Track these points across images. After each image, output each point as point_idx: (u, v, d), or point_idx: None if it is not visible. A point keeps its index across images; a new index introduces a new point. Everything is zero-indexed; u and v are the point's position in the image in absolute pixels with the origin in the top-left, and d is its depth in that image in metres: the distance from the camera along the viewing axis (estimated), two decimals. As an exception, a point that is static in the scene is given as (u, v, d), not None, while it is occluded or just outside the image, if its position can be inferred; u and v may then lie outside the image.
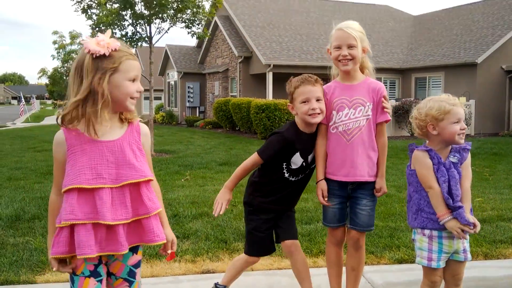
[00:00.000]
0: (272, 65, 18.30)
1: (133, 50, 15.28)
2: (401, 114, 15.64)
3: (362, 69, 2.86)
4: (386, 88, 20.93)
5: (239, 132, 17.75)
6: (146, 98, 33.98)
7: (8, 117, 39.07)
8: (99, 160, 1.87)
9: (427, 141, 2.59)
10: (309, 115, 2.68)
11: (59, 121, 1.93)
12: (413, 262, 3.61)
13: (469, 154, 2.55)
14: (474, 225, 2.39)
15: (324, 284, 3.15)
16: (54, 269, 1.90)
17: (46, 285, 3.38)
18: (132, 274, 2.00)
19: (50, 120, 36.38)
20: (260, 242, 2.86)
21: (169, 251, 2.09)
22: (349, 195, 2.81)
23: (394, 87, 21.48)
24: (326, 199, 2.80)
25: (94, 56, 1.85)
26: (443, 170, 2.44)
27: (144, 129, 2.07)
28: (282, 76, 20.30)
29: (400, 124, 15.98)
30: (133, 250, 1.97)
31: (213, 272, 3.59)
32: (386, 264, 3.83)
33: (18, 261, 3.74)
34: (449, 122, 2.45)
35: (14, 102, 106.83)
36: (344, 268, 2.98)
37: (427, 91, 20.02)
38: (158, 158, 10.37)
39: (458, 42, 19.84)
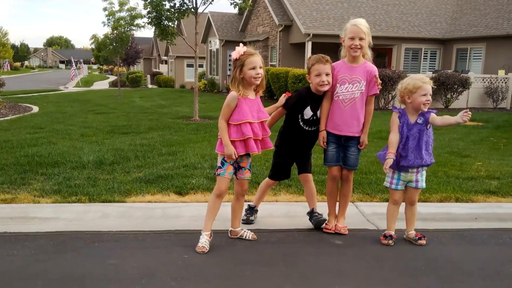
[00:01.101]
0: (311, 35, 18.74)
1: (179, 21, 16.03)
2: (436, 86, 15.87)
3: (363, 55, 3.95)
4: (426, 59, 21.14)
5: (276, 101, 18.43)
6: (189, 66, 35.14)
7: (59, 81, 41.44)
8: (250, 108, 3.64)
9: (404, 107, 3.88)
10: (320, 85, 3.87)
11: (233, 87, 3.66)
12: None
13: (432, 114, 3.77)
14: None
15: (325, 211, 4.26)
16: (234, 157, 3.61)
17: (133, 204, 4.74)
18: (250, 166, 3.84)
19: (99, 85, 38.39)
20: (279, 170, 4.20)
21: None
22: (342, 144, 4.00)
23: (435, 58, 21.45)
24: (325, 144, 4.01)
25: (234, 58, 3.65)
26: (405, 127, 3.77)
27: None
28: (322, 46, 20.67)
29: (435, 96, 16.23)
30: (249, 155, 3.78)
31: (248, 201, 4.67)
32: (377, 202, 4.93)
33: (110, 189, 5.09)
34: (418, 94, 3.71)
35: (62, 66, 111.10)
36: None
37: (467, 63, 19.97)
38: (203, 123, 11.43)
39: (503, 12, 19.50)
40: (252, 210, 4.33)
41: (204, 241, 3.66)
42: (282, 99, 4.08)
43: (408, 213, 4.00)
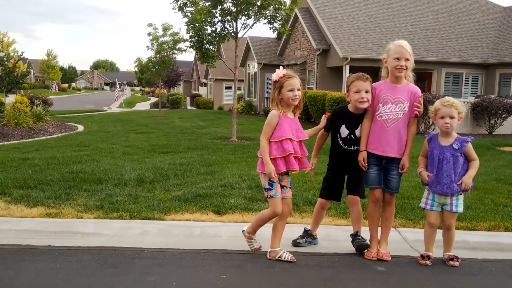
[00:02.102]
0: (349, 58, 18.71)
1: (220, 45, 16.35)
2: (479, 111, 15.41)
3: (405, 77, 3.94)
4: (468, 84, 20.65)
5: (314, 123, 18.48)
6: (228, 88, 35.74)
7: (104, 102, 42.98)
8: (290, 126, 3.78)
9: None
10: (359, 102, 3.86)
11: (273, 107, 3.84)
12: (441, 228, 4.32)
13: (470, 145, 3.79)
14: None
15: (367, 237, 4.11)
16: (274, 175, 3.69)
17: (172, 222, 4.81)
18: (291, 185, 3.95)
19: (141, 106, 39.55)
20: (327, 189, 4.14)
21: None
22: (384, 167, 3.93)
23: (477, 83, 20.86)
24: (366, 164, 3.90)
25: (274, 80, 3.84)
26: (435, 150, 3.82)
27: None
28: (359, 70, 20.44)
29: (478, 121, 15.73)
30: (288, 174, 3.91)
31: (287, 223, 4.57)
32: (420, 228, 4.70)
33: (150, 206, 5.18)
34: (437, 116, 3.83)
35: (106, 87, 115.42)
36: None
37: (511, 88, 19.29)
38: (240, 144, 11.51)
39: (550, 36, 18.83)
40: (306, 233, 4.23)
41: (287, 254, 3.83)
42: (323, 119, 4.09)
43: (445, 236, 3.96)
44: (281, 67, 3.96)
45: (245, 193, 5.79)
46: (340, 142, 4.02)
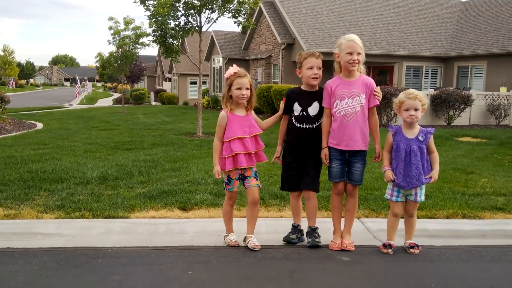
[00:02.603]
0: (313, 53, 18.88)
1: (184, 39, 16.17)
2: (438, 103, 15.90)
3: (357, 70, 4.01)
4: (428, 76, 21.26)
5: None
6: (193, 83, 35.41)
7: (64, 99, 41.73)
8: (240, 124, 3.93)
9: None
10: (312, 78, 3.96)
11: (223, 106, 4.00)
12: (403, 216, 4.51)
13: (432, 136, 3.93)
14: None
15: (331, 228, 4.21)
16: (217, 176, 3.88)
17: (136, 220, 4.71)
18: (256, 175, 4.06)
19: (103, 102, 38.64)
20: (283, 179, 4.17)
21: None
22: (346, 160, 4.01)
23: (436, 76, 21.54)
24: (327, 161, 3.99)
25: (225, 78, 3.99)
26: (402, 144, 3.90)
27: (252, 113, 4.07)
28: (324, 64, 20.75)
29: (437, 113, 16.24)
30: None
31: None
32: (383, 218, 4.85)
33: (114, 204, 5.07)
34: (402, 109, 3.93)
35: (67, 83, 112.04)
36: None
37: (468, 81, 20.04)
38: (206, 139, 11.44)
39: (503, 30, 19.64)
40: (295, 229, 4.19)
41: (233, 237, 4.04)
42: (282, 105, 4.14)
43: (407, 224, 4.09)
44: (234, 65, 4.05)
45: (211, 188, 5.77)
46: (294, 120, 4.05)
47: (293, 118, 4.06)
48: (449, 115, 16.26)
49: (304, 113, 4.02)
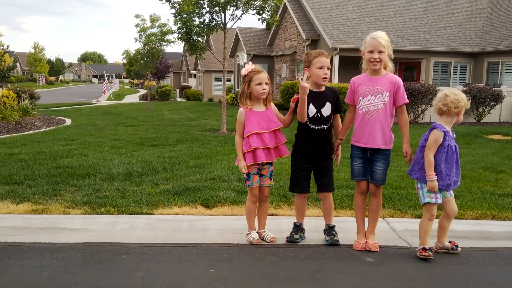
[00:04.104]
0: (338, 49, 18.67)
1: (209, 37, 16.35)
2: (468, 100, 15.47)
3: (385, 67, 3.90)
4: (456, 73, 20.73)
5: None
6: (218, 80, 35.54)
7: (92, 95, 42.57)
8: (258, 120, 3.96)
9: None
10: (323, 78, 3.91)
11: (240, 103, 4.06)
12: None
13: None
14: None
15: (356, 227, 4.14)
16: (244, 171, 3.96)
17: (160, 216, 4.76)
18: (271, 175, 4.10)
19: (130, 99, 39.24)
20: (294, 180, 4.10)
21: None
22: (368, 158, 3.94)
23: (465, 72, 20.97)
24: (339, 152, 4.12)
25: (243, 75, 4.01)
26: (452, 142, 3.75)
27: (273, 105, 4.12)
28: (348, 60, 20.58)
29: (466, 110, 15.79)
30: (271, 163, 4.08)
31: (276, 215, 4.83)
32: (408, 218, 4.78)
33: (138, 201, 5.14)
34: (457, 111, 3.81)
35: (95, 80, 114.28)
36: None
37: (499, 77, 19.42)
38: (230, 135, 11.47)
39: (537, 24, 18.94)
40: (298, 228, 4.16)
41: (255, 235, 4.06)
42: (292, 105, 4.08)
43: (448, 223, 3.93)
44: (250, 62, 4.07)
45: (234, 185, 5.77)
46: (308, 122, 3.98)
47: (307, 120, 3.98)
48: (479, 112, 15.82)
49: (319, 114, 3.98)
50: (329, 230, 4.08)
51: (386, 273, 3.52)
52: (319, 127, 3.99)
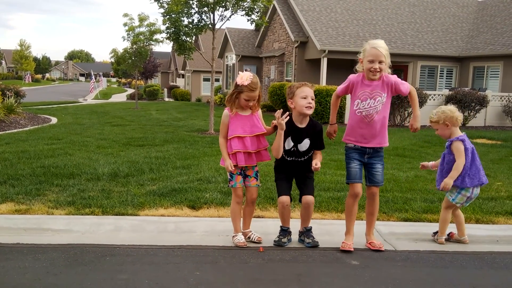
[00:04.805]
0: (327, 51, 18.76)
1: (197, 37, 16.30)
2: (453, 104, 15.66)
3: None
4: (443, 76, 20.95)
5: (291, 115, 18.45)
6: (206, 80, 35.46)
7: (79, 94, 42.11)
8: (242, 124, 3.96)
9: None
10: (306, 107, 3.91)
11: (227, 104, 4.02)
12: (416, 221, 4.77)
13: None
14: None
15: (342, 230, 4.19)
16: (231, 169, 3.93)
17: (146, 217, 4.72)
18: (256, 175, 4.10)
19: (117, 98, 38.91)
20: (279, 188, 4.10)
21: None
22: (365, 162, 3.98)
23: (452, 76, 21.24)
24: (335, 135, 4.13)
25: (236, 83, 3.95)
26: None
27: (259, 112, 4.11)
28: (337, 62, 20.73)
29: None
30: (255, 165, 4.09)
31: (263, 217, 4.82)
32: (394, 221, 4.82)
33: (124, 202, 5.08)
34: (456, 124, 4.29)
35: (82, 79, 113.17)
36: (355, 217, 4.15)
37: (484, 81, 19.71)
38: (218, 136, 11.40)
39: (522, 30, 19.26)
40: (285, 232, 4.13)
41: (241, 237, 4.04)
42: (271, 128, 4.07)
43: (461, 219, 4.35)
44: (246, 72, 3.99)
45: (221, 187, 5.75)
46: (284, 154, 4.02)
47: (283, 154, 4.01)
48: (464, 116, 16.02)
49: (295, 148, 4.01)
50: (307, 232, 4.10)
51: (371, 276, 3.53)
52: (294, 159, 4.04)
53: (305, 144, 4.01)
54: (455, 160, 4.08)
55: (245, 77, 3.91)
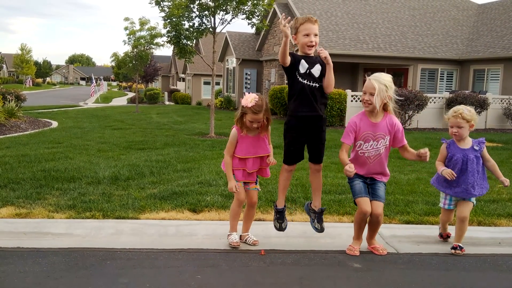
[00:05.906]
0: (327, 54, 18.75)
1: (198, 40, 16.13)
2: (454, 106, 15.66)
3: (386, 108, 3.87)
4: (443, 79, 20.95)
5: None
6: (206, 83, 35.50)
7: (79, 97, 42.16)
8: (247, 145, 3.97)
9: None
10: (308, 46, 3.73)
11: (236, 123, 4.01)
12: (418, 223, 4.79)
13: (485, 145, 4.18)
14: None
15: (344, 233, 4.35)
16: (234, 190, 3.93)
17: (146, 221, 4.72)
18: (256, 180, 4.13)
19: (118, 101, 38.95)
20: (289, 152, 3.97)
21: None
22: (368, 184, 3.99)
23: (452, 79, 21.23)
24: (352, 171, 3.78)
25: (241, 104, 3.92)
26: (458, 154, 4.08)
27: (269, 134, 4.11)
28: (337, 65, 20.63)
29: (454, 116, 15.97)
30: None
31: (264, 220, 4.80)
32: (395, 223, 4.81)
33: (124, 205, 5.08)
34: (448, 125, 4.18)
35: (82, 82, 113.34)
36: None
37: (485, 84, 19.70)
38: (218, 139, 11.43)
39: (522, 33, 19.27)
40: (281, 214, 4.11)
41: (235, 237, 4.05)
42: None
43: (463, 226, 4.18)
44: (253, 94, 3.89)
45: (222, 190, 5.74)
46: (300, 78, 3.76)
47: (298, 77, 3.76)
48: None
49: (310, 70, 3.77)
50: (319, 214, 4.06)
51: (373, 279, 3.52)
52: (310, 83, 3.76)
53: (317, 69, 3.79)
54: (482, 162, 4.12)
55: (249, 98, 3.85)
